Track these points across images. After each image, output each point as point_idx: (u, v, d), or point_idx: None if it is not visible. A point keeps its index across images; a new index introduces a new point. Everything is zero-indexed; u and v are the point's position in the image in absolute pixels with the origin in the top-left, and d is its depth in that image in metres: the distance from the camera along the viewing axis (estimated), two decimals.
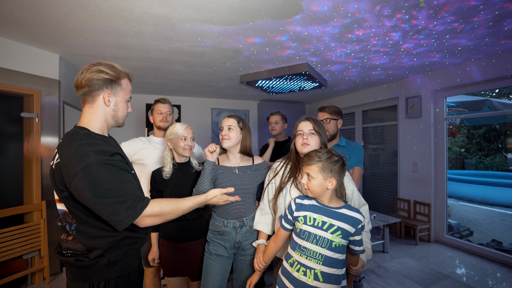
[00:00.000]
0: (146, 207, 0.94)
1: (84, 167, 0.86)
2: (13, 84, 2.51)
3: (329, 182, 1.12)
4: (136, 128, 5.06)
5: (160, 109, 1.97)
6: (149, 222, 0.97)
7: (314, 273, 1.09)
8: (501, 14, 2.06)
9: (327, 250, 1.09)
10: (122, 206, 0.89)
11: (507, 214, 5.43)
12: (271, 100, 5.66)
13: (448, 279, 2.68)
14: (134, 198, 0.93)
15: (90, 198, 0.86)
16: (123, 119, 1.10)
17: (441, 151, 3.69)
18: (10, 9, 1.94)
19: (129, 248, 1.03)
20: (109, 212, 0.88)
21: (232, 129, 1.56)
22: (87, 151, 0.89)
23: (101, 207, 0.88)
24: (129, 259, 1.04)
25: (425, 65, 3.35)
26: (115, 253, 0.98)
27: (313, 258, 1.10)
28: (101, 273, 0.97)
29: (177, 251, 1.59)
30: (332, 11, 2.02)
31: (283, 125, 2.64)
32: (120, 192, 0.90)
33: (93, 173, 0.87)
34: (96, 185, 0.87)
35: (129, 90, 1.08)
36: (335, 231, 1.09)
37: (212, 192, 1.21)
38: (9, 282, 2.43)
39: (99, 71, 0.98)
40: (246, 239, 1.54)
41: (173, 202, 1.05)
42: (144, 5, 1.90)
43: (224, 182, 1.52)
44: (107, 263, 0.97)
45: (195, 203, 1.12)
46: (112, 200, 0.88)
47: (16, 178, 2.68)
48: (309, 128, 1.34)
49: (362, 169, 1.92)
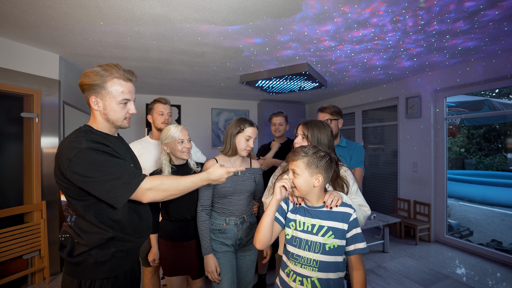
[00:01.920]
0: (143, 180, 0.96)
1: (77, 153, 0.91)
2: (13, 84, 2.51)
3: (315, 179, 1.04)
4: (136, 128, 5.06)
5: (161, 110, 1.90)
6: (151, 196, 0.97)
7: (311, 281, 1.03)
8: (501, 14, 2.06)
9: (321, 255, 1.03)
10: (118, 182, 0.92)
11: (507, 214, 5.43)
12: (271, 100, 5.66)
13: (448, 279, 2.68)
14: (130, 174, 0.96)
15: (87, 178, 0.90)
16: (119, 121, 1.08)
17: (441, 151, 3.69)
18: (10, 9, 1.94)
19: (117, 250, 1.02)
20: (107, 188, 0.91)
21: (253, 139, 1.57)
22: (80, 140, 0.95)
23: (99, 185, 0.91)
24: (117, 261, 1.03)
25: (425, 65, 3.35)
26: (102, 253, 0.99)
27: (308, 266, 1.04)
28: (88, 272, 0.99)
29: (177, 251, 1.59)
30: (332, 11, 2.02)
31: (285, 127, 2.60)
32: (115, 169, 0.94)
33: (86, 156, 0.91)
34: (91, 166, 0.91)
35: (119, 93, 1.04)
36: (325, 232, 1.04)
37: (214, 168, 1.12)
38: (9, 282, 2.43)
39: (84, 76, 1.02)
40: (247, 235, 1.59)
41: (174, 177, 1.04)
42: (144, 5, 1.90)
43: (227, 185, 1.53)
44: (94, 263, 0.98)
45: (197, 179, 1.08)
46: (107, 177, 0.91)
47: (16, 178, 2.67)
48: (300, 133, 1.34)
49: (363, 169, 1.92)
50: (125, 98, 1.06)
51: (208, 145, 5.53)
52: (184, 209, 1.58)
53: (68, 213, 1.02)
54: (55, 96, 2.82)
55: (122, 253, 1.04)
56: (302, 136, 1.33)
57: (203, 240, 1.49)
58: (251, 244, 1.60)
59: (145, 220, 1.16)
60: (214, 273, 1.46)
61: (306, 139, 1.31)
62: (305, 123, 1.35)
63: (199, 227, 1.52)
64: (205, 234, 1.50)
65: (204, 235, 1.50)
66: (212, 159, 1.61)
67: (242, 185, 1.55)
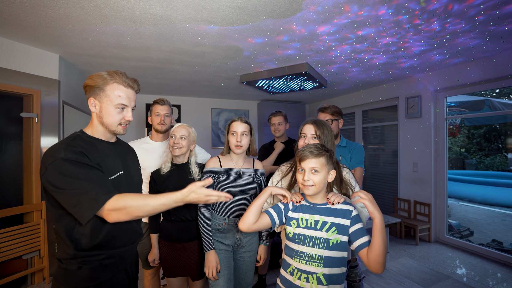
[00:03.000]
0: (109, 200, 0.91)
1: (52, 161, 0.93)
2: (13, 84, 2.51)
3: (330, 175, 1.11)
4: (136, 129, 5.06)
5: (158, 111, 1.89)
6: (114, 217, 0.92)
7: (317, 277, 1.04)
8: (501, 14, 2.06)
9: (326, 250, 1.05)
10: (85, 197, 0.90)
11: (507, 214, 5.42)
12: (271, 100, 5.66)
13: (448, 279, 2.68)
14: (99, 191, 0.92)
15: (57, 189, 0.92)
16: (113, 125, 1.08)
17: (441, 151, 3.68)
18: (10, 9, 1.94)
19: (84, 261, 1.00)
20: (74, 202, 0.91)
21: (246, 135, 1.55)
22: (60, 149, 0.96)
23: (67, 197, 0.91)
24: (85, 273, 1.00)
25: (425, 65, 3.35)
26: (68, 261, 0.99)
27: (313, 262, 1.05)
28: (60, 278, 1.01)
29: (178, 252, 1.59)
30: (332, 11, 2.01)
31: (285, 126, 2.59)
32: (85, 184, 0.92)
33: (60, 167, 0.92)
34: (63, 177, 0.92)
35: (116, 96, 1.05)
36: (329, 228, 1.06)
37: (189, 187, 0.95)
38: (9, 282, 2.42)
39: (89, 78, 1.06)
40: (246, 236, 1.58)
41: (142, 197, 0.95)
42: (144, 5, 1.90)
43: (228, 184, 1.52)
44: (64, 268, 1.00)
45: (169, 200, 0.95)
46: (76, 191, 0.91)
47: (16, 178, 2.67)
48: (312, 132, 1.33)
49: (364, 169, 1.91)
50: (121, 103, 1.07)
51: (208, 145, 5.53)
52: (184, 210, 1.58)
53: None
54: (55, 96, 2.81)
55: (86, 264, 1.00)
56: (313, 136, 1.32)
57: (204, 236, 1.50)
58: (250, 245, 1.60)
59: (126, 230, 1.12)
60: (214, 270, 1.46)
61: (318, 138, 1.31)
62: (315, 122, 1.34)
63: (200, 223, 1.53)
64: (207, 230, 1.51)
65: (205, 231, 1.51)
66: (215, 157, 1.62)
67: (242, 186, 1.54)
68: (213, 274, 1.46)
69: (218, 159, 1.59)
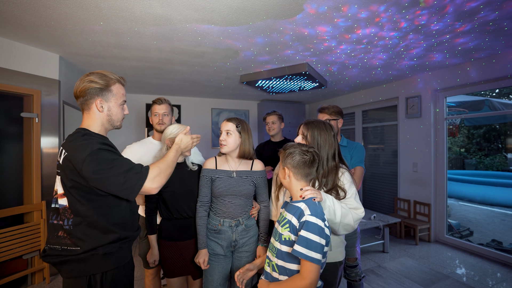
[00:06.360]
0: (149, 169, 1.07)
1: (90, 152, 0.99)
2: (13, 84, 2.51)
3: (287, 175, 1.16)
4: (136, 129, 5.06)
5: (156, 111, 1.90)
6: (158, 183, 1.07)
7: (272, 265, 1.13)
8: (501, 14, 2.06)
9: (277, 243, 1.11)
10: (131, 173, 1.01)
11: (507, 214, 5.43)
12: (271, 100, 5.66)
13: (448, 279, 2.68)
14: (137, 166, 1.07)
15: (100, 176, 0.97)
16: (119, 121, 1.20)
17: (441, 151, 3.69)
18: (10, 9, 1.94)
19: (123, 242, 1.11)
20: (122, 180, 0.99)
21: (230, 134, 1.53)
22: (91, 141, 1.03)
23: (114, 178, 0.99)
24: (123, 252, 1.13)
25: (425, 65, 3.35)
26: (110, 247, 1.05)
27: (271, 251, 1.16)
28: (97, 265, 1.03)
29: (178, 250, 1.60)
30: (332, 11, 2.02)
31: (280, 125, 2.60)
32: (125, 163, 1.04)
33: (98, 155, 1.00)
34: (105, 162, 1.00)
35: (121, 95, 1.17)
36: (285, 223, 1.11)
37: (178, 136, 1.34)
38: (9, 282, 2.43)
39: (90, 81, 1.09)
40: (242, 237, 1.57)
41: (161, 161, 1.15)
42: (144, 5, 1.90)
43: (221, 186, 1.53)
44: (104, 254, 1.04)
45: (174, 152, 1.23)
46: (121, 170, 1.00)
47: (16, 178, 2.67)
48: (301, 132, 1.36)
49: (364, 168, 1.92)
50: (124, 100, 1.20)
51: (208, 145, 5.53)
52: (185, 207, 1.58)
53: (65, 217, 1.04)
54: (55, 96, 2.81)
55: (126, 244, 1.14)
56: (302, 136, 1.34)
57: (199, 234, 1.55)
58: (248, 245, 1.59)
59: (136, 213, 1.26)
60: (200, 265, 1.51)
61: (305, 139, 1.32)
62: (306, 123, 1.35)
63: (196, 222, 1.57)
64: (202, 229, 1.55)
65: (200, 230, 1.55)
66: (212, 158, 1.63)
67: (236, 187, 1.53)
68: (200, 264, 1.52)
69: (214, 160, 1.61)
